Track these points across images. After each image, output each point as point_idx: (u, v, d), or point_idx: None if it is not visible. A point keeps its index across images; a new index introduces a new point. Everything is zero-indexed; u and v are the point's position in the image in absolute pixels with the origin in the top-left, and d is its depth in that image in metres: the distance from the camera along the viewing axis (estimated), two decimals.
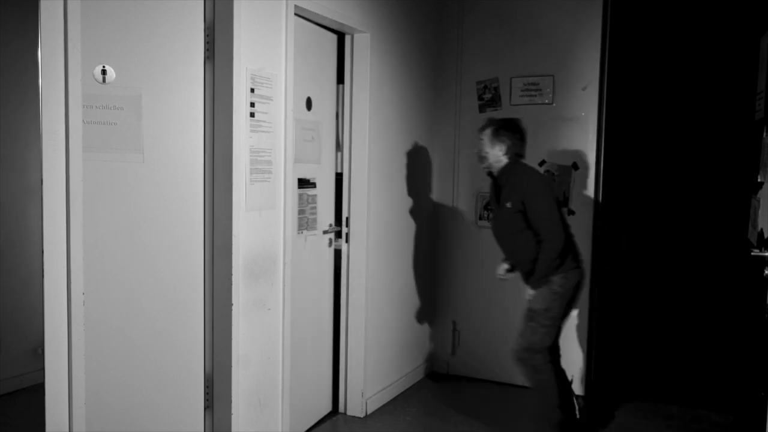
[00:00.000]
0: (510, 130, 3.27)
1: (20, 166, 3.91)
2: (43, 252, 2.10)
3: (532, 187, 3.21)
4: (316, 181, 3.47)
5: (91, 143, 2.33)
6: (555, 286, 3.23)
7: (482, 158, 3.33)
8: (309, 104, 3.40)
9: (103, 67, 2.39)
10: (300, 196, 3.34)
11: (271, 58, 2.93)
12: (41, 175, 2.09)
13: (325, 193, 3.58)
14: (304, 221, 3.40)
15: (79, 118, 2.14)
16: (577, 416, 3.38)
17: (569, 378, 3.47)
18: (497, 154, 3.27)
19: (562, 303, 3.27)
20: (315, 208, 3.48)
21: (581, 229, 4.11)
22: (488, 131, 3.29)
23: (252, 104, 2.81)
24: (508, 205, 3.23)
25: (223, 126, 2.74)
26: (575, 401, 3.40)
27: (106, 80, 2.40)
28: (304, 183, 3.37)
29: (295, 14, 3.08)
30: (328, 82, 3.61)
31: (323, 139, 3.54)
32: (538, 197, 3.18)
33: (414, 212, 4.26)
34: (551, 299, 3.23)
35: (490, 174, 3.39)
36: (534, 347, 3.25)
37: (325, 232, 3.60)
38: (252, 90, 2.80)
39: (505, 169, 3.29)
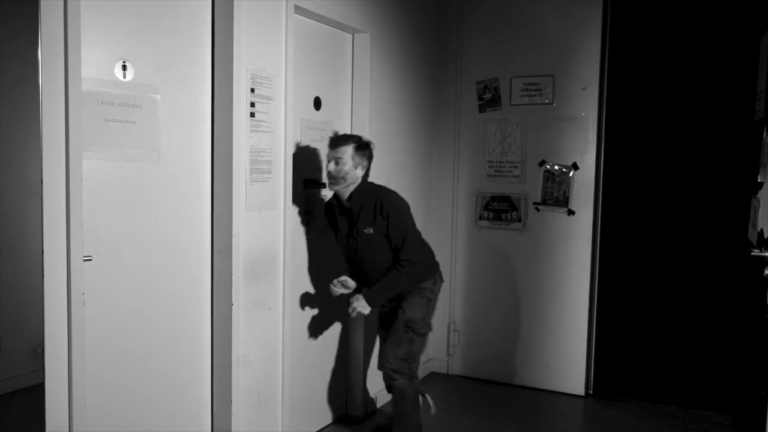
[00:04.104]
0: (368, 148, 3.00)
1: (20, 166, 3.91)
2: (43, 252, 2.10)
3: (394, 209, 2.94)
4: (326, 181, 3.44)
5: (107, 141, 2.33)
6: (428, 293, 3.13)
7: (341, 179, 2.92)
8: (318, 104, 3.40)
9: (124, 62, 2.39)
10: (306, 196, 3.33)
11: (272, 58, 2.93)
12: (41, 175, 2.09)
13: None
14: (313, 222, 3.39)
15: (79, 117, 2.14)
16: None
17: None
18: (357, 175, 2.95)
19: (434, 308, 3.20)
20: None
21: (581, 229, 4.13)
22: (348, 149, 2.92)
23: (252, 104, 2.81)
24: (369, 230, 2.94)
25: (223, 126, 2.74)
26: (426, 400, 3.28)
27: (126, 76, 2.40)
28: (311, 183, 3.36)
29: (300, 14, 3.08)
30: (343, 81, 3.60)
31: None
32: (402, 218, 2.95)
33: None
34: (427, 307, 3.14)
35: (333, 199, 3.09)
36: (414, 357, 3.10)
37: None
38: (252, 90, 2.80)
39: (358, 191, 2.97)
